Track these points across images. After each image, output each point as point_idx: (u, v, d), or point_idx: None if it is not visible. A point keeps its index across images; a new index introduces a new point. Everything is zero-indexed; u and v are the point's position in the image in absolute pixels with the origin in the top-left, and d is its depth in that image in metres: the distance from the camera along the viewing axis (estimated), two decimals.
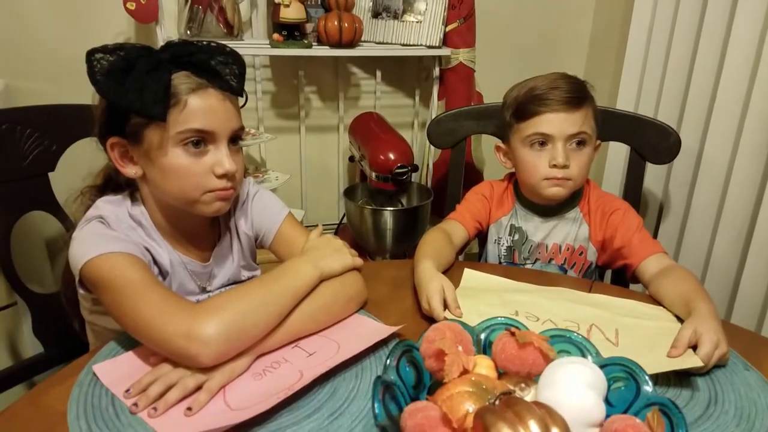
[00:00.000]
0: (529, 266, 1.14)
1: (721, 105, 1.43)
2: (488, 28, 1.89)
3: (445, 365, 0.56)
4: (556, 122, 1.04)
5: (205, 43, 0.81)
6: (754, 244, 1.35)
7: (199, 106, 0.78)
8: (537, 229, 1.14)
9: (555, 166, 1.05)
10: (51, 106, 1.19)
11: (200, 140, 0.79)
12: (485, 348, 0.65)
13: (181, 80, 0.77)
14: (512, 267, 1.14)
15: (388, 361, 0.58)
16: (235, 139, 0.84)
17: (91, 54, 0.76)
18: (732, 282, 1.45)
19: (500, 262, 1.17)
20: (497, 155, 1.17)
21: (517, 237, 1.15)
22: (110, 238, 0.78)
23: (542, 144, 1.06)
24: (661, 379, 0.75)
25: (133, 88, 0.74)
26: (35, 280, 1.33)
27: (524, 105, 1.07)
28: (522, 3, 2.01)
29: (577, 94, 1.05)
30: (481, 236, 1.21)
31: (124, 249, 0.77)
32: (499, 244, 1.16)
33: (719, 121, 1.44)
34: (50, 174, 1.18)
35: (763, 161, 1.36)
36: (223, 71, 0.80)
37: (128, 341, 0.76)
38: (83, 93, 0.86)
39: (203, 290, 0.93)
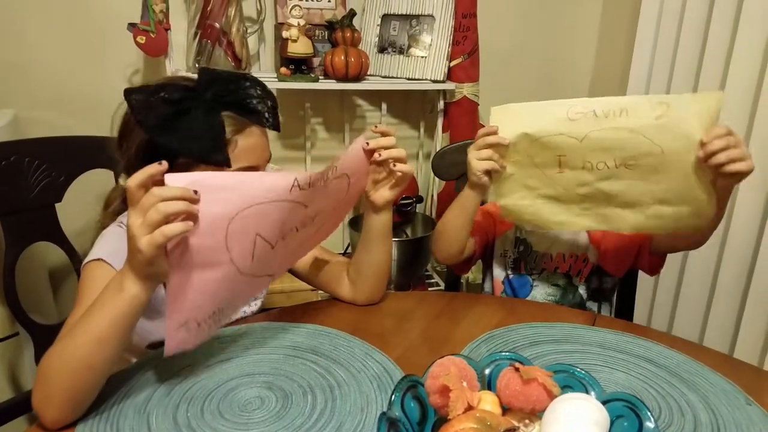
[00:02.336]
0: (535, 276, 1.18)
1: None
2: (492, 63, 1.92)
3: (449, 401, 0.56)
4: None
5: (235, 75, 0.84)
6: (757, 275, 1.35)
7: (246, 145, 0.81)
8: (541, 239, 1.17)
9: None
10: (59, 138, 1.21)
11: None
12: (490, 383, 0.65)
13: (227, 121, 0.79)
14: (513, 299, 1.15)
15: (393, 396, 0.58)
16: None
17: (129, 94, 0.76)
18: (735, 316, 1.45)
19: (507, 276, 1.19)
20: None
21: (522, 248, 1.18)
22: (113, 243, 0.82)
23: None
24: (664, 413, 0.75)
25: (189, 134, 0.76)
26: (38, 310, 1.34)
27: None
28: (525, 39, 2.04)
29: None
30: (485, 258, 1.24)
31: (111, 259, 0.80)
32: (505, 257, 1.20)
33: None
34: (57, 205, 1.19)
35: (764, 196, 1.38)
36: (261, 108, 0.82)
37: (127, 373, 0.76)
38: (91, 123, 0.88)
39: None
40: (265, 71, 1.73)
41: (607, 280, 1.19)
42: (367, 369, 0.81)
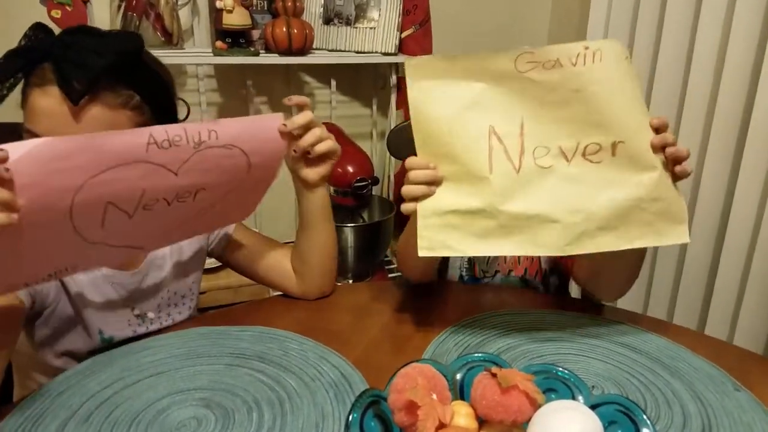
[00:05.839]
0: (488, 279, 1.07)
1: (685, 115, 1.41)
2: (445, 34, 1.84)
3: (418, 420, 0.47)
4: None
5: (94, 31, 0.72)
6: (726, 250, 1.32)
7: (35, 104, 0.69)
8: None
9: None
10: None
11: None
12: (462, 389, 0.57)
13: (37, 73, 0.68)
14: (478, 285, 1.07)
15: (351, 417, 0.49)
16: None
17: None
18: (703, 293, 1.42)
19: (462, 276, 1.10)
20: None
21: None
22: None
23: None
24: (650, 405, 0.69)
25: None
26: None
27: None
28: (478, 8, 1.97)
29: None
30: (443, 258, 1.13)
31: None
32: (461, 257, 1.09)
33: (681, 135, 1.42)
34: None
35: (728, 170, 1.35)
36: (70, 69, 0.66)
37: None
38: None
39: (131, 309, 0.83)
40: (200, 46, 1.60)
41: (564, 279, 1.12)
42: (322, 376, 0.71)
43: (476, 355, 0.59)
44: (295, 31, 1.47)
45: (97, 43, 0.68)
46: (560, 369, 0.56)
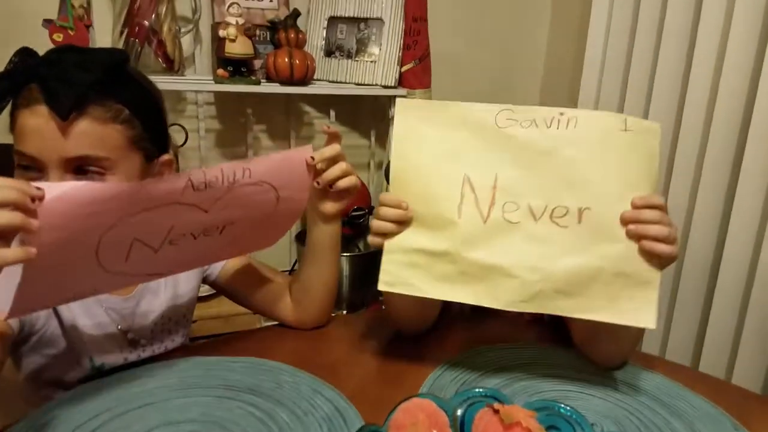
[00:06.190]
0: None
1: (680, 142, 1.42)
2: (444, 68, 1.86)
3: None
4: None
5: (80, 49, 0.72)
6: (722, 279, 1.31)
7: (24, 124, 0.68)
8: None
9: None
10: None
11: (30, 166, 0.69)
12: (463, 425, 0.55)
13: (23, 93, 0.67)
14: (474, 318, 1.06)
15: None
16: (80, 169, 0.69)
17: None
18: (697, 327, 1.41)
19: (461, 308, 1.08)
20: None
21: None
22: None
23: None
24: None
25: None
26: None
27: None
28: (476, 45, 2.00)
29: None
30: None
31: None
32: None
33: (678, 162, 1.43)
34: None
35: (723, 196, 1.35)
36: (56, 86, 0.66)
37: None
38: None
39: (124, 335, 0.80)
40: (201, 73, 1.60)
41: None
42: (315, 409, 0.70)
43: (477, 390, 0.57)
44: (297, 61, 1.48)
45: (82, 59, 0.68)
46: (563, 406, 0.55)
